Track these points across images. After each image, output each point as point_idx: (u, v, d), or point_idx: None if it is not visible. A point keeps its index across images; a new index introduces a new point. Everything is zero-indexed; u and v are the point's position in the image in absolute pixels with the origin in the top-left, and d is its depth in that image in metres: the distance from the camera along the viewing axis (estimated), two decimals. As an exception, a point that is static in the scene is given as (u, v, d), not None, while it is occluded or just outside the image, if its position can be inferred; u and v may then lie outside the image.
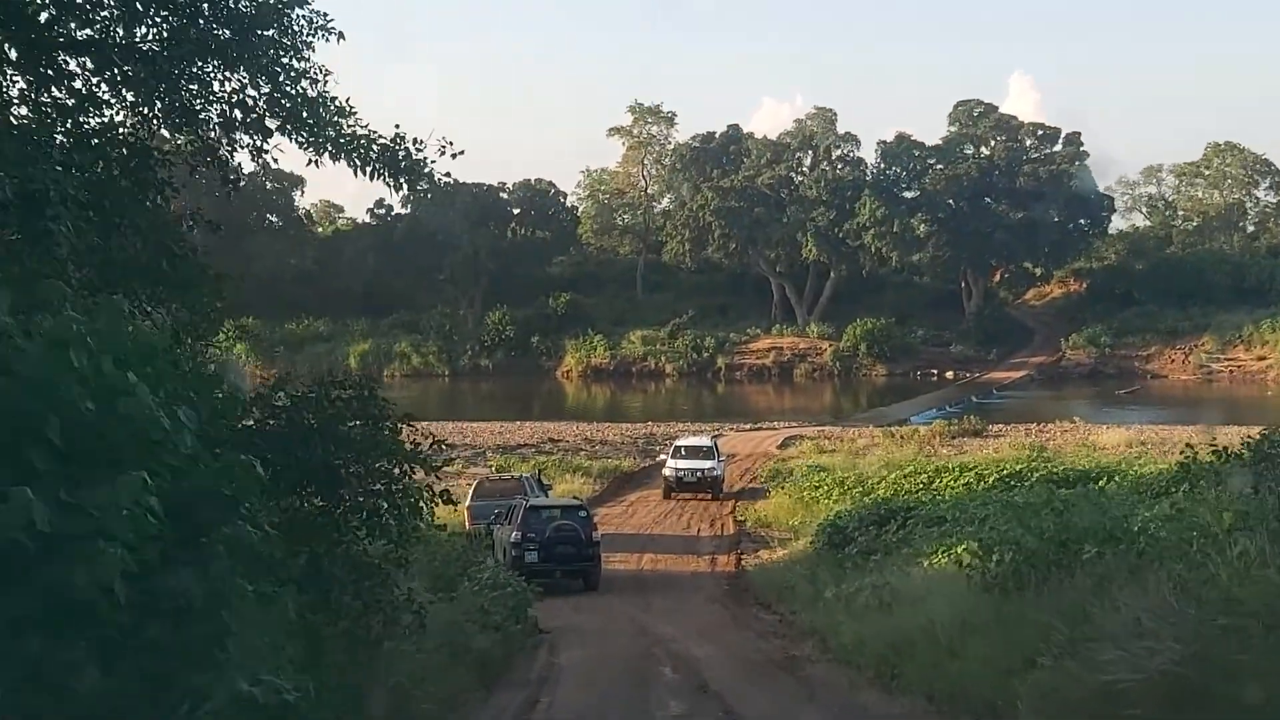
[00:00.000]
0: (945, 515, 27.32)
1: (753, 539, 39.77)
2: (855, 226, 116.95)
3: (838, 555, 28.03)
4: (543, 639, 23.82)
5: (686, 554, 38.40)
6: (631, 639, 24.52)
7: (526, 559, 32.45)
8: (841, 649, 19.17)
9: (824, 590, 23.54)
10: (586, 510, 35.10)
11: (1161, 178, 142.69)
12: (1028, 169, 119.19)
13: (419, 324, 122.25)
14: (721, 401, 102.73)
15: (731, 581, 33.40)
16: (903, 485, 37.52)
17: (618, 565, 36.33)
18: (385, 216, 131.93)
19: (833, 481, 41.98)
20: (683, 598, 31.02)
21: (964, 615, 14.89)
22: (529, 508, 34.02)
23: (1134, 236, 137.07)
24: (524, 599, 23.42)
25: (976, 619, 14.41)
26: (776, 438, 67.94)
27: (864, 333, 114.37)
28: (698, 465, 49.26)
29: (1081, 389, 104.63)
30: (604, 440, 67.27)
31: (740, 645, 23.05)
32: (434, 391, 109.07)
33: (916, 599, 17.94)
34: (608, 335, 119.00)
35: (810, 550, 31.01)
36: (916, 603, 17.59)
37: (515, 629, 20.50)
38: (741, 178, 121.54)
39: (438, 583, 19.83)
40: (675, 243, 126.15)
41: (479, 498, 40.08)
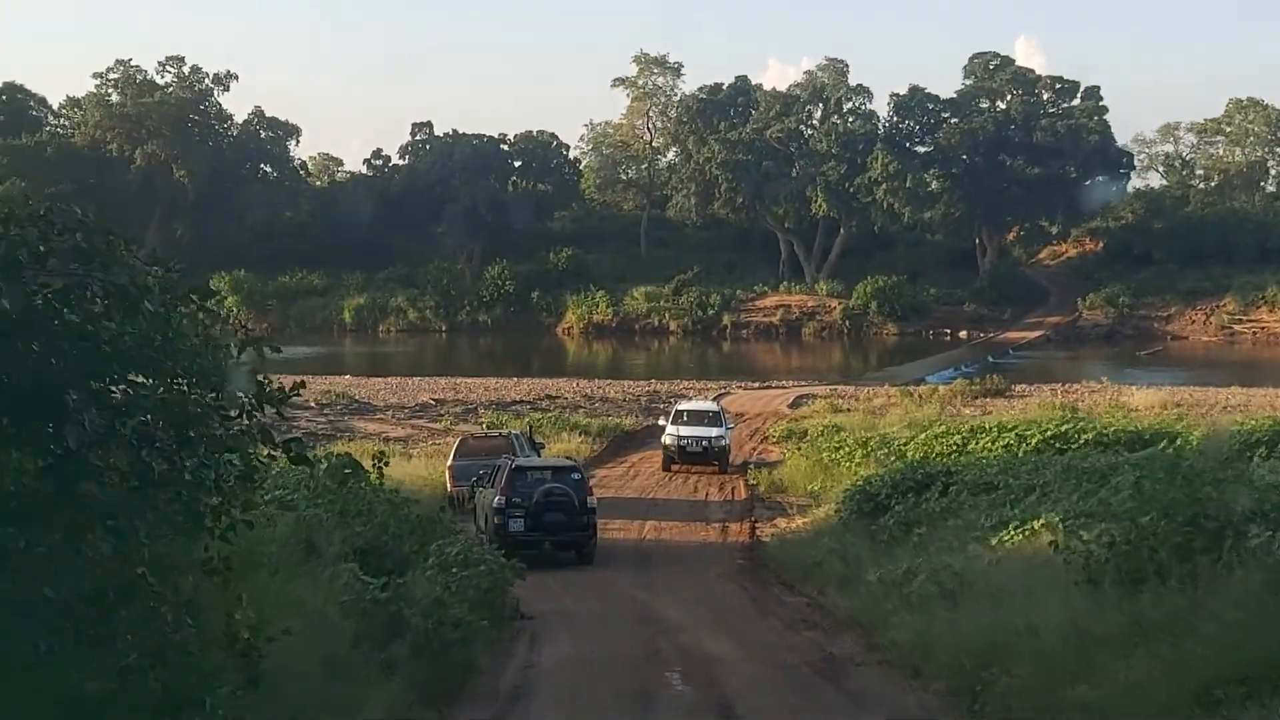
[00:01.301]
0: (994, 481, 23.84)
1: (767, 505, 36.03)
2: (866, 181, 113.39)
3: (870, 526, 24.57)
4: (524, 626, 20.39)
5: (694, 521, 34.55)
6: (632, 628, 20.88)
7: (510, 528, 28.63)
8: (895, 649, 15.83)
9: (864, 572, 20.09)
10: (581, 472, 30.99)
11: (1179, 136, 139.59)
12: (1045, 123, 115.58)
13: (416, 278, 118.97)
14: (727, 360, 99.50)
15: (746, 555, 29.59)
16: (933, 447, 33.97)
17: (616, 534, 32.24)
18: (383, 168, 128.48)
19: (854, 442, 38.36)
20: (691, 574, 27.26)
21: (1076, 618, 11.43)
22: (514, 468, 29.90)
23: (1151, 196, 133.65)
24: (501, 579, 19.88)
25: (1100, 625, 10.95)
26: (786, 396, 64.47)
27: (875, 291, 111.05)
28: (702, 433, 43.27)
29: (1099, 350, 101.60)
30: (604, 398, 63.72)
31: (765, 639, 19.42)
32: (431, 347, 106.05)
33: (996, 590, 14.49)
34: (610, 291, 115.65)
35: (836, 520, 27.43)
36: (998, 595, 14.16)
37: (480, 624, 16.69)
38: (750, 130, 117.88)
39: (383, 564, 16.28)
40: (681, 197, 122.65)
41: (462, 457, 36.31)
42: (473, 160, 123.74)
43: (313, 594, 13.08)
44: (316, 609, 12.64)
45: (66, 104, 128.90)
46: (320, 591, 13.45)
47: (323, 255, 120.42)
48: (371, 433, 48.10)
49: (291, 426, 48.21)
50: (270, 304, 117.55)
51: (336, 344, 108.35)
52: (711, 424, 43.91)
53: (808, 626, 19.96)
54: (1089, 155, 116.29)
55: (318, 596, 13.22)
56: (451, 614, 15.55)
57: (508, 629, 19.73)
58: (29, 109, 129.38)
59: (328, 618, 12.85)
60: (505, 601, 20.23)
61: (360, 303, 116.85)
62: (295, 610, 11.89)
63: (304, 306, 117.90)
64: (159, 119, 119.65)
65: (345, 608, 13.58)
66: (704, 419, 44.22)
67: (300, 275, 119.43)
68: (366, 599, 13.98)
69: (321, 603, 13.10)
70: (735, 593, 24.91)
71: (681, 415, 44.43)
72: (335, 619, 13.15)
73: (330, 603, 13.36)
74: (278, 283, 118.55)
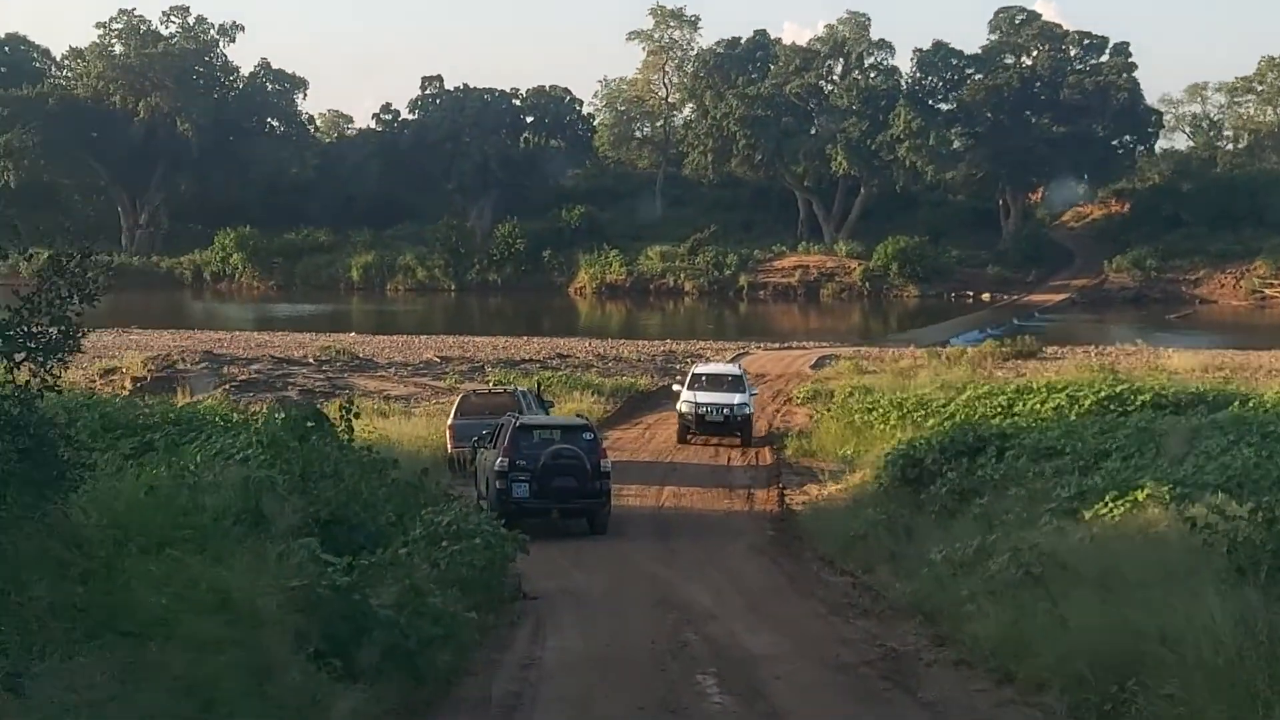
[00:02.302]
0: (1057, 445, 21.15)
1: (795, 470, 33.21)
2: (888, 139, 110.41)
3: (917, 495, 21.96)
4: (526, 609, 17.68)
5: (716, 487, 31.75)
6: (652, 614, 17.97)
7: (514, 493, 25.86)
8: (973, 645, 13.18)
9: (916, 547, 17.44)
10: (594, 431, 27.86)
11: (1207, 96, 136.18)
12: (1072, 80, 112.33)
13: (424, 236, 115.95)
14: (744, 321, 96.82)
15: (777, 525, 26.68)
16: (976, 408, 31.21)
17: (631, 501, 29.44)
18: (392, 122, 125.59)
19: (889, 404, 35.60)
20: (717, 547, 24.37)
21: (1241, 614, 8.67)
22: (518, 427, 26.85)
23: (1178, 157, 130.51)
24: (500, 554, 17.14)
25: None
26: (808, 357, 61.82)
27: (895, 251, 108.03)
28: (723, 399, 38.53)
29: (1125, 313, 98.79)
30: (618, 357, 61.03)
31: (810, 629, 16.59)
32: (439, 306, 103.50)
33: (1104, 576, 11.76)
34: (624, 251, 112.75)
35: (875, 487, 24.68)
36: (1109, 583, 11.44)
37: (467, 617, 13.88)
38: (769, 86, 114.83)
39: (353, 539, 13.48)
40: (697, 154, 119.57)
41: (463, 415, 33.36)
42: (484, 115, 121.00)
43: (251, 579, 10.37)
44: (249, 599, 9.93)
45: (69, 55, 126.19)
46: (263, 576, 10.70)
47: (330, 211, 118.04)
48: (372, 390, 45.41)
49: (287, 383, 45.96)
50: (276, 261, 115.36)
51: (343, 302, 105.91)
52: (733, 389, 39.19)
53: (858, 613, 17.21)
54: (1117, 114, 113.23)
55: (259, 582, 10.48)
56: (431, 603, 12.71)
57: (506, 615, 16.99)
58: (31, 60, 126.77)
59: (266, 611, 10.11)
60: (505, 580, 17.60)
61: (368, 260, 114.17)
62: (219, 603, 9.20)
63: (310, 264, 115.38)
64: (163, 70, 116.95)
65: (294, 597, 10.72)
66: (724, 384, 39.55)
67: (306, 232, 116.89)
68: (322, 586, 11.11)
69: (262, 590, 10.37)
70: (768, 570, 22.04)
71: (699, 379, 39.78)
72: (280, 613, 10.36)
73: (274, 591, 10.56)
74: (283, 239, 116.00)
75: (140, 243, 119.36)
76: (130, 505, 11.35)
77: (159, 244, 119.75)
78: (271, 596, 10.44)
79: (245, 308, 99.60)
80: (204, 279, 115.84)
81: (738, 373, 41.33)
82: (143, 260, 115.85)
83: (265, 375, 48.59)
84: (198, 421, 24.35)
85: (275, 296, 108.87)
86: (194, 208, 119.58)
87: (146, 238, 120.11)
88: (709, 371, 41.20)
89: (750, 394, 39.93)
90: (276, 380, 47.50)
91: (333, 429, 16.26)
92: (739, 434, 38.45)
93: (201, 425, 23.80)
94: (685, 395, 39.14)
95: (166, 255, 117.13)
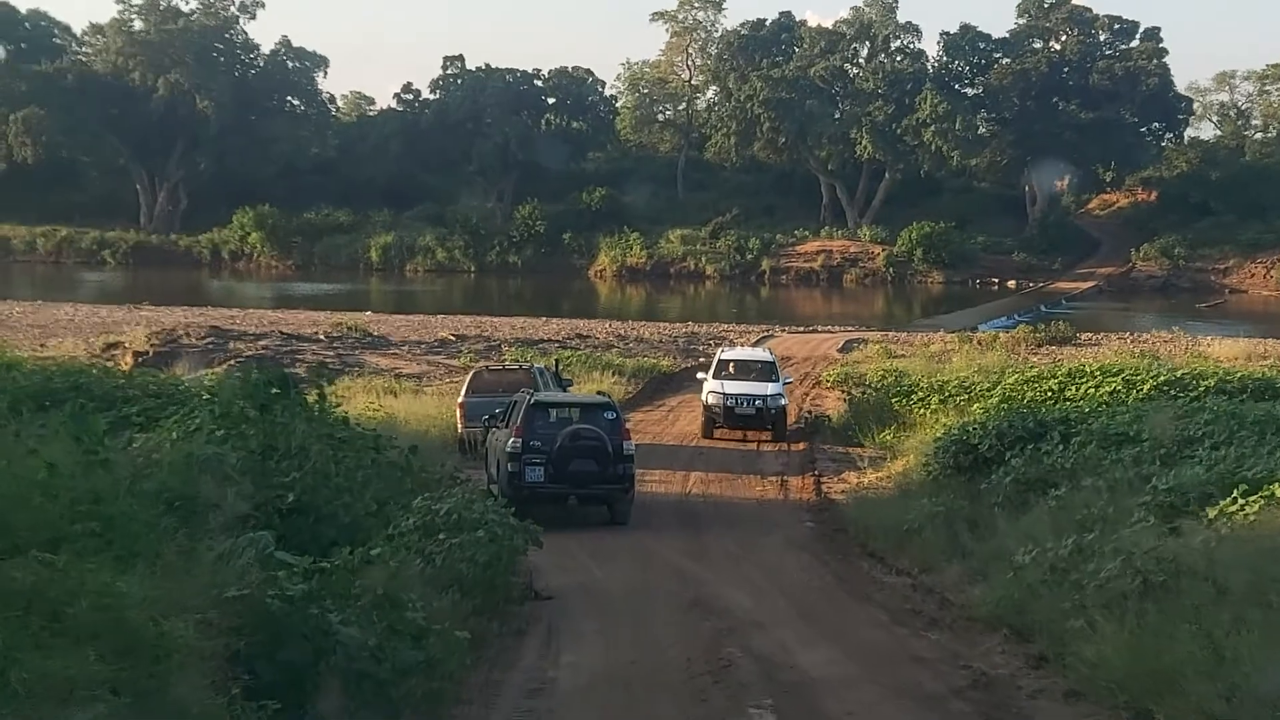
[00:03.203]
0: (1128, 431, 19.82)
1: (830, 456, 31.99)
2: (914, 123, 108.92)
3: (975, 484, 20.59)
4: (538, 611, 15.87)
5: (746, 474, 30.19)
6: (685, 621, 15.88)
7: (528, 477, 23.79)
8: (1090, 672, 11.34)
9: (999, 547, 15.94)
10: (616, 410, 25.51)
11: (1235, 84, 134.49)
12: (1102, 65, 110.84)
13: (444, 217, 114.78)
14: (765, 306, 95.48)
15: (816, 516, 25.03)
16: (1024, 392, 29.92)
17: (655, 487, 27.52)
18: (413, 102, 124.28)
19: (928, 387, 34.33)
20: (752, 540, 22.57)
21: None
22: (533, 404, 24.69)
23: (1206, 145, 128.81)
24: (507, 548, 15.51)
25: None
26: (835, 340, 60.59)
27: (920, 237, 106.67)
28: (754, 390, 34.82)
29: (1153, 302, 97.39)
30: (639, 338, 59.80)
31: (875, 642, 14.66)
32: (458, 288, 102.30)
33: (1258, 590, 10.28)
34: (645, 234, 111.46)
35: (924, 475, 23.36)
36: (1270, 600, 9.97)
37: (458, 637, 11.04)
38: (793, 68, 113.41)
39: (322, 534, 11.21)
40: (720, 136, 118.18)
41: (475, 393, 31.47)
42: (505, 96, 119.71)
43: (170, 589, 8.21)
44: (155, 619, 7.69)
45: (89, 31, 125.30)
46: (189, 584, 8.61)
47: (349, 191, 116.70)
48: (383, 368, 44.14)
49: (295, 359, 44.67)
50: (295, 240, 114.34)
51: (362, 282, 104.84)
52: (764, 377, 35.45)
53: (925, 622, 15.38)
54: (1146, 101, 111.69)
55: (181, 592, 8.37)
56: (411, 619, 10.25)
57: (513, 621, 15.12)
58: (51, 36, 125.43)
59: (176, 636, 7.87)
60: (513, 578, 15.87)
61: (387, 241, 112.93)
62: (107, 625, 7.35)
63: (329, 244, 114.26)
64: (183, 47, 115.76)
65: (229, 614, 8.52)
66: (754, 371, 35.86)
67: (326, 212, 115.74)
68: (270, 596, 8.79)
69: (181, 605, 8.21)
70: (813, 567, 20.18)
71: (726, 366, 36.19)
72: (200, 638, 8.08)
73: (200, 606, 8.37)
74: (302, 219, 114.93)
75: (158, 221, 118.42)
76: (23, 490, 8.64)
77: (177, 222, 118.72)
78: (190, 615, 8.01)
79: (263, 286, 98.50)
80: (221, 258, 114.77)
81: (769, 359, 37.59)
82: (161, 238, 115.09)
83: (273, 351, 47.33)
84: (181, 395, 22.23)
85: (293, 276, 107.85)
86: (213, 186, 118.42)
87: (165, 216, 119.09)
88: (737, 357, 37.90)
89: (784, 382, 36.53)
90: (284, 356, 46.21)
91: (303, 398, 13.52)
92: (771, 429, 34.84)
93: (185, 399, 21.75)
94: (711, 384, 35.36)
95: (185, 234, 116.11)
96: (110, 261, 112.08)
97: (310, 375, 13.51)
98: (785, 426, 35.32)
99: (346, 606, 9.34)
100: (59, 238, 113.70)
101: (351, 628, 9.01)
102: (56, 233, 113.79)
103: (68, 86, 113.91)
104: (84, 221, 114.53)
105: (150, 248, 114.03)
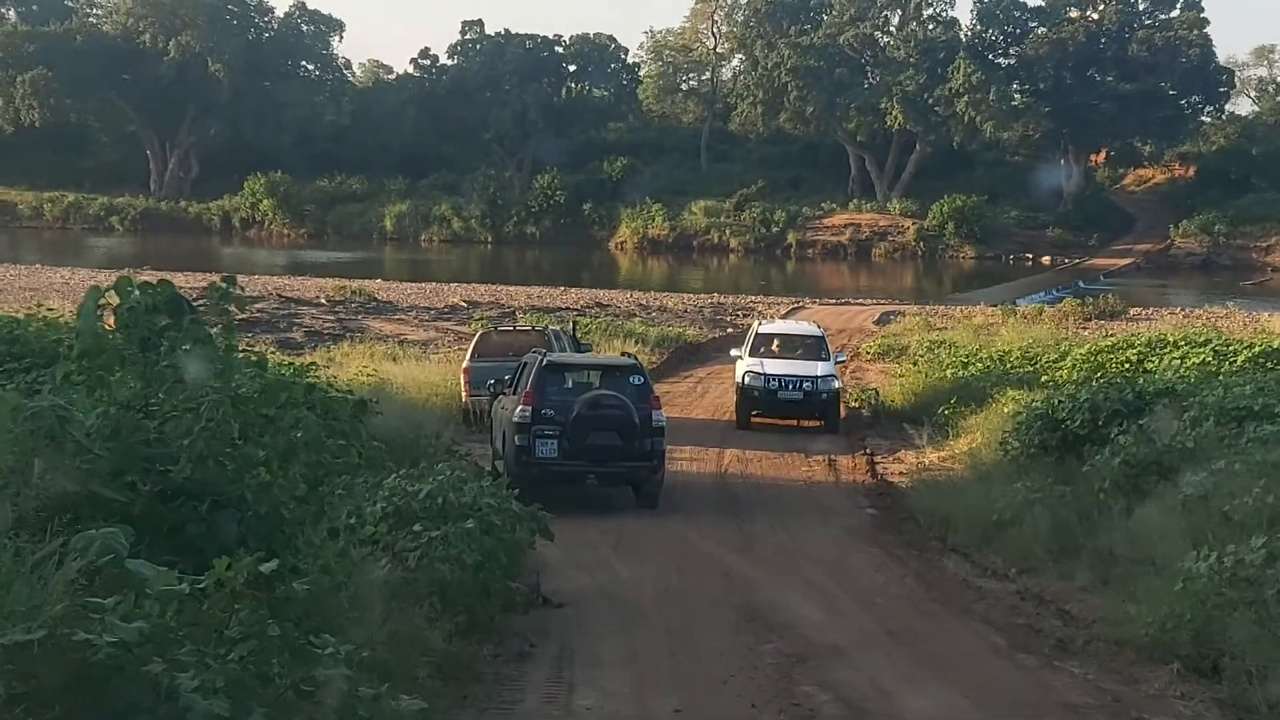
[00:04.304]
0: (1252, 406, 16.67)
1: (880, 433, 28.84)
2: (947, 93, 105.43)
3: (1067, 466, 17.53)
4: (546, 624, 12.73)
5: (788, 452, 26.67)
6: (738, 640, 12.53)
7: (538, 452, 20.40)
8: None
9: (1094, 538, 12.91)
10: (643, 374, 21.80)
11: (1274, 59, 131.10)
12: (1141, 35, 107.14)
13: (461, 186, 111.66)
14: (791, 280, 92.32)
15: (877, 502, 21.69)
16: (1097, 363, 26.82)
17: (686, 465, 24.46)
18: (430, 68, 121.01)
19: (989, 358, 31.19)
20: (807, 529, 19.34)
21: None
22: (545, 366, 21.26)
23: (1245, 121, 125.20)
24: (507, 542, 12.36)
25: None
26: (869, 313, 57.63)
27: (952, 211, 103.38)
28: (801, 370, 29.81)
29: (1192, 279, 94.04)
30: (663, 308, 56.85)
31: (1000, 678, 11.23)
32: (474, 258, 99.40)
33: None
34: (667, 205, 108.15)
35: (1000, 455, 20.21)
36: None
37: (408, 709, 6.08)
38: (822, 35, 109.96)
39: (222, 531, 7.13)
40: (746, 105, 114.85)
41: (481, 357, 28.26)
42: (525, 62, 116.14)
43: None
44: None
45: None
46: None
47: (364, 159, 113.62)
48: (387, 334, 41.17)
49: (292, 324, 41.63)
50: (307, 208, 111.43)
51: (376, 251, 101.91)
52: (812, 355, 30.47)
53: (1054, 646, 12.06)
54: (1186, 73, 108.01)
55: None
56: (329, 678, 5.72)
57: (512, 641, 11.78)
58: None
59: None
60: (512, 584, 12.61)
61: (402, 210, 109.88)
62: None
63: (342, 212, 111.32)
64: (193, 8, 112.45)
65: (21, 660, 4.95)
66: (800, 347, 30.91)
67: (340, 179, 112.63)
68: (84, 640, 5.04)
69: None
70: (887, 566, 16.71)
71: (766, 342, 31.07)
72: None
73: None
74: (315, 186, 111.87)
75: (169, 188, 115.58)
76: None
77: (188, 189, 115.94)
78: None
79: (275, 254, 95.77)
80: (232, 226, 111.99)
81: (818, 332, 32.29)
82: (170, 205, 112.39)
83: (268, 315, 44.43)
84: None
85: (305, 245, 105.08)
86: (225, 153, 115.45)
87: (175, 183, 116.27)
88: (779, 331, 32.48)
89: (836, 360, 31.46)
90: (280, 321, 43.46)
91: (205, 330, 8.45)
92: (822, 417, 29.68)
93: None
94: (747, 362, 30.24)
95: (195, 201, 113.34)
96: (118, 228, 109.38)
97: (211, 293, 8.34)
98: (839, 413, 30.30)
99: (216, 657, 5.47)
100: (66, 203, 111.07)
101: (215, 698, 5.15)
102: (64, 198, 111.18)
103: (77, 48, 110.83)
104: (94, 188, 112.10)
105: (159, 214, 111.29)
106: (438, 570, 11.00)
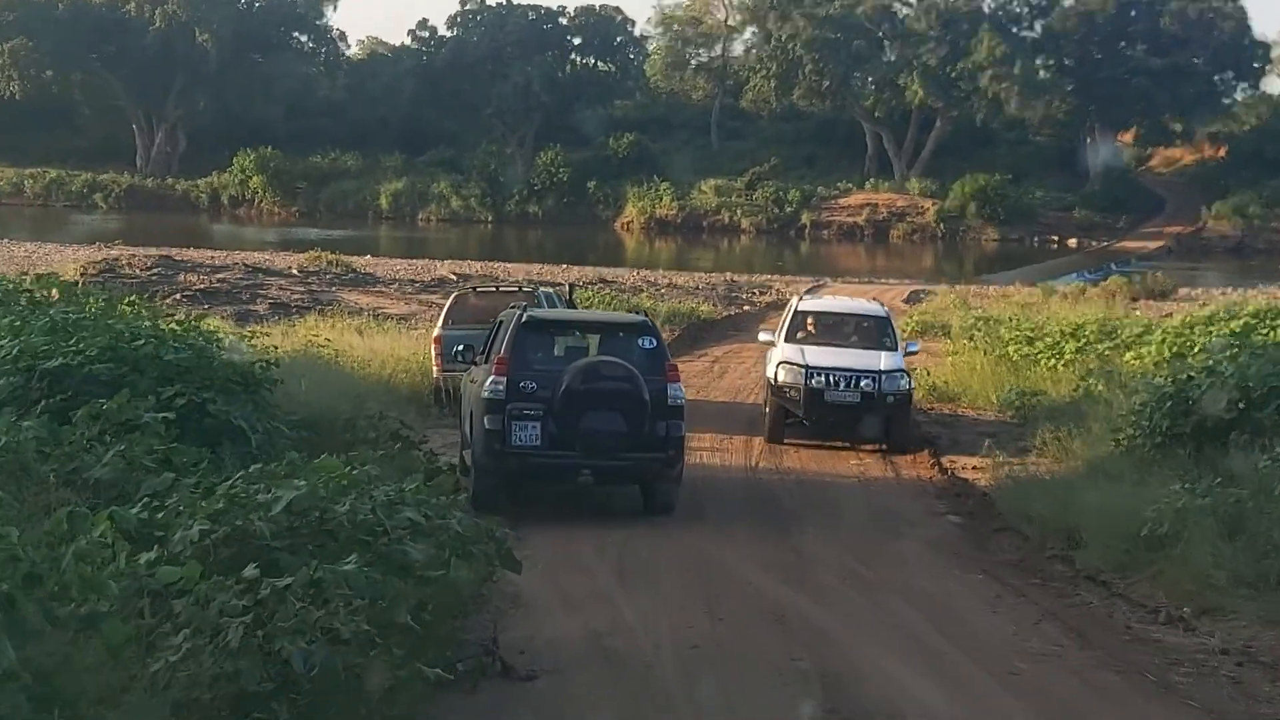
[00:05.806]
0: None
1: (935, 420, 23.96)
2: (969, 67, 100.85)
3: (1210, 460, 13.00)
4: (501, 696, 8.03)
5: (830, 439, 21.68)
6: None
7: (516, 439, 15.26)
8: None
9: None
10: (656, 336, 16.40)
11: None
12: (1174, 7, 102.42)
13: (461, 163, 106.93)
14: (805, 261, 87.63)
15: (956, 506, 16.82)
16: (1192, 339, 22.27)
17: (707, 458, 19.65)
18: (428, 40, 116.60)
19: (1059, 334, 26.53)
20: (877, 546, 14.59)
21: None
22: (525, 325, 15.96)
23: (1275, 101, 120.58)
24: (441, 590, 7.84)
25: None
26: (896, 292, 53.24)
27: (974, 191, 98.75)
28: (857, 362, 21.77)
29: (1225, 263, 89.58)
30: (672, 284, 52.44)
31: None
32: (474, 238, 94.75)
33: None
34: (676, 184, 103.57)
35: (1113, 447, 15.49)
36: None
37: None
38: (839, 6, 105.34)
39: None
40: (759, 79, 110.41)
41: (456, 323, 23.00)
42: (528, 34, 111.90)
43: None
44: None
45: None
46: None
47: (359, 135, 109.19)
48: (363, 306, 36.58)
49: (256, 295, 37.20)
50: (299, 185, 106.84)
51: (371, 230, 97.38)
52: (872, 341, 22.66)
53: None
54: (1219, 48, 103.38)
55: None
56: None
57: None
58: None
59: None
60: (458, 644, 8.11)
61: (398, 188, 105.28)
62: None
63: (336, 189, 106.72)
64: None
65: None
66: (854, 332, 23.15)
67: (333, 156, 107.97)
68: None
69: None
70: (1005, 603, 11.85)
71: (807, 323, 23.41)
72: None
73: None
74: (308, 163, 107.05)
75: (155, 164, 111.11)
76: None
77: (175, 166, 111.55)
78: None
79: (265, 231, 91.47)
80: (220, 203, 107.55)
81: (881, 312, 23.83)
82: (156, 182, 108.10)
83: (230, 285, 40.03)
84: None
85: (297, 223, 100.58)
86: (213, 127, 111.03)
87: (162, 159, 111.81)
88: (827, 309, 24.70)
89: (908, 351, 23.12)
90: (244, 291, 39.11)
91: None
92: (887, 428, 21.63)
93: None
94: (784, 350, 22.31)
95: (183, 178, 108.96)
96: (102, 205, 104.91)
97: None
98: (909, 424, 22.19)
99: None
100: (48, 180, 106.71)
101: None
102: (45, 174, 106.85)
103: (58, 17, 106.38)
104: (79, 165, 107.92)
105: (145, 191, 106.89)
106: (283, 650, 6.26)
